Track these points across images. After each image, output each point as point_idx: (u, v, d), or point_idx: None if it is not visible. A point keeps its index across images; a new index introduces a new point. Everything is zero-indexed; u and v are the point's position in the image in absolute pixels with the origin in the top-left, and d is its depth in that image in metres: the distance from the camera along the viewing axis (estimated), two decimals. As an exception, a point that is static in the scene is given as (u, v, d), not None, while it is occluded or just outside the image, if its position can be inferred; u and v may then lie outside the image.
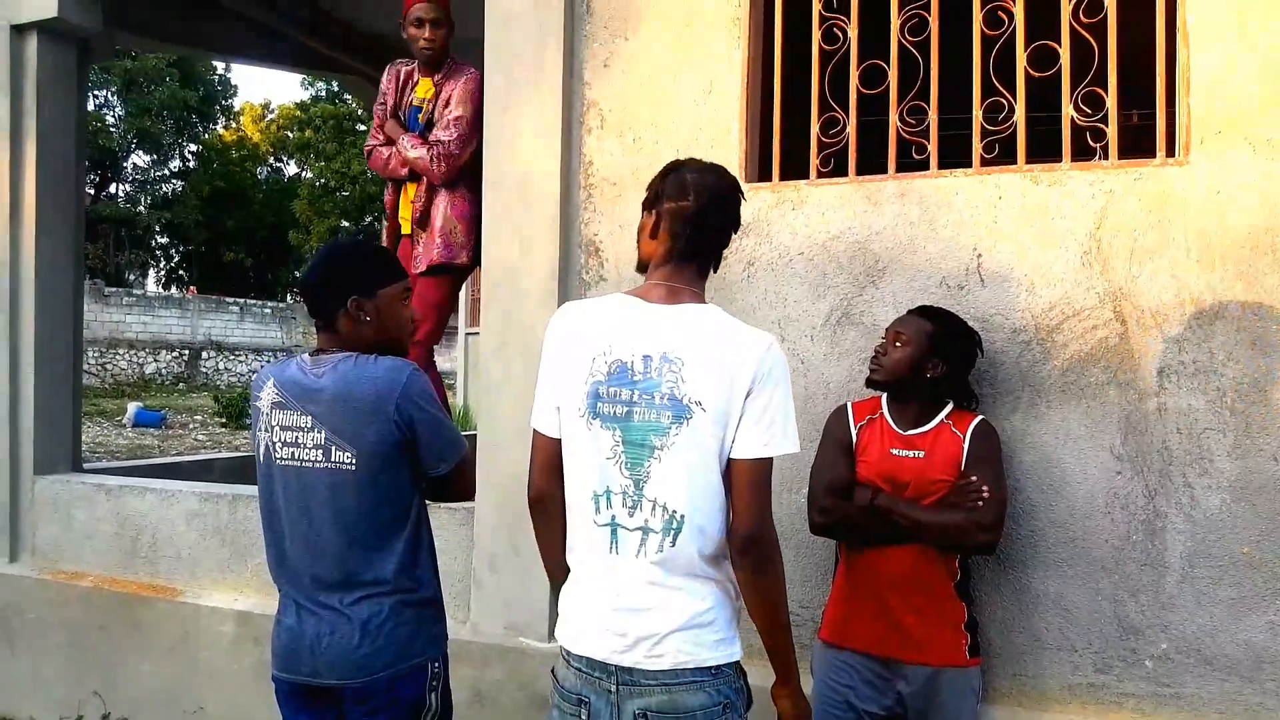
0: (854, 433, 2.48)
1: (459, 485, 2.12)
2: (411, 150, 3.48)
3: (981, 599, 2.59)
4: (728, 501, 1.68)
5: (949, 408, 2.46)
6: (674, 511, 1.64)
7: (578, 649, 1.70)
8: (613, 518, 1.67)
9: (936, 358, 2.40)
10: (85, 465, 4.49)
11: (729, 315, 1.74)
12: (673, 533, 1.64)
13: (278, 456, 2.01)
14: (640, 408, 1.65)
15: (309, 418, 1.97)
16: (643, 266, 1.83)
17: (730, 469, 1.65)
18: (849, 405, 2.54)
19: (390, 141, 3.59)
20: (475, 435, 3.16)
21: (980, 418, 2.45)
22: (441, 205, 3.49)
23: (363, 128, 33.14)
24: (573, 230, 3.07)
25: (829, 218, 2.77)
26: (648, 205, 1.81)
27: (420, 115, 3.56)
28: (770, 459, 1.65)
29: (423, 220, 3.51)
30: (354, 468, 1.95)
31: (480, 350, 3.18)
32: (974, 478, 2.32)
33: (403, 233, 3.57)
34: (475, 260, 3.45)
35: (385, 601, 1.97)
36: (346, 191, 32.51)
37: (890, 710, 2.39)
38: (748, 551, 1.63)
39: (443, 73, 3.54)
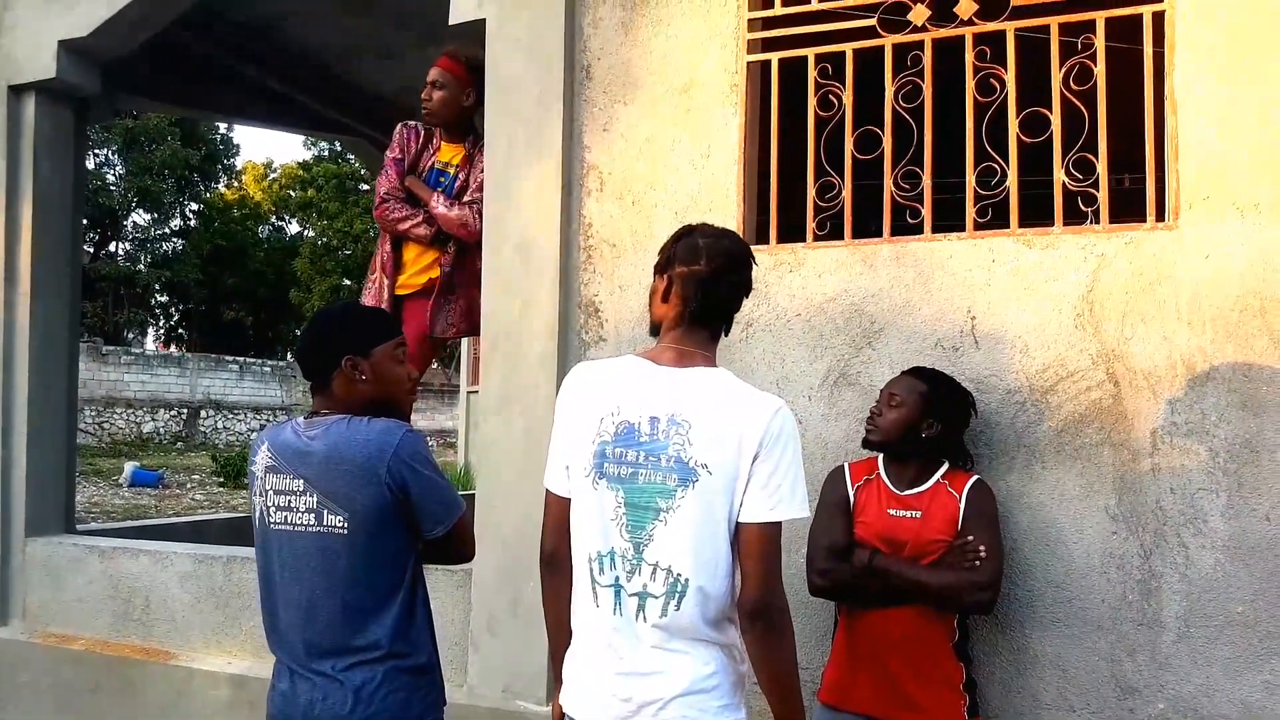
0: (851, 493, 2.49)
1: (457, 547, 2.10)
2: (451, 209, 3.41)
3: (980, 659, 2.58)
4: (734, 567, 1.68)
5: (945, 467, 2.48)
6: (678, 575, 1.63)
7: (580, 715, 1.69)
8: (616, 579, 1.67)
9: (931, 418, 2.43)
10: (79, 527, 4.47)
11: (738, 379, 1.75)
12: (677, 596, 1.63)
13: (271, 521, 2.01)
14: (646, 469, 1.66)
15: (301, 481, 1.97)
16: (655, 329, 1.85)
17: (738, 534, 1.65)
18: (846, 466, 2.56)
19: (409, 198, 3.51)
20: (475, 494, 3.16)
21: (976, 477, 2.47)
22: (469, 271, 3.45)
23: (365, 187, 33.37)
24: (572, 291, 3.12)
25: (825, 280, 2.82)
26: (660, 269, 1.83)
27: (447, 179, 3.52)
28: (779, 524, 1.64)
29: (448, 285, 3.47)
30: (347, 531, 1.94)
31: (480, 409, 3.19)
32: (970, 537, 2.33)
33: (402, 293, 3.55)
34: None
35: (379, 668, 1.96)
36: (349, 250, 32.64)
37: None
38: (757, 619, 1.62)
39: (471, 142, 3.55)
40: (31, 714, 3.79)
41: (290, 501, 1.98)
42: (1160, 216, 2.60)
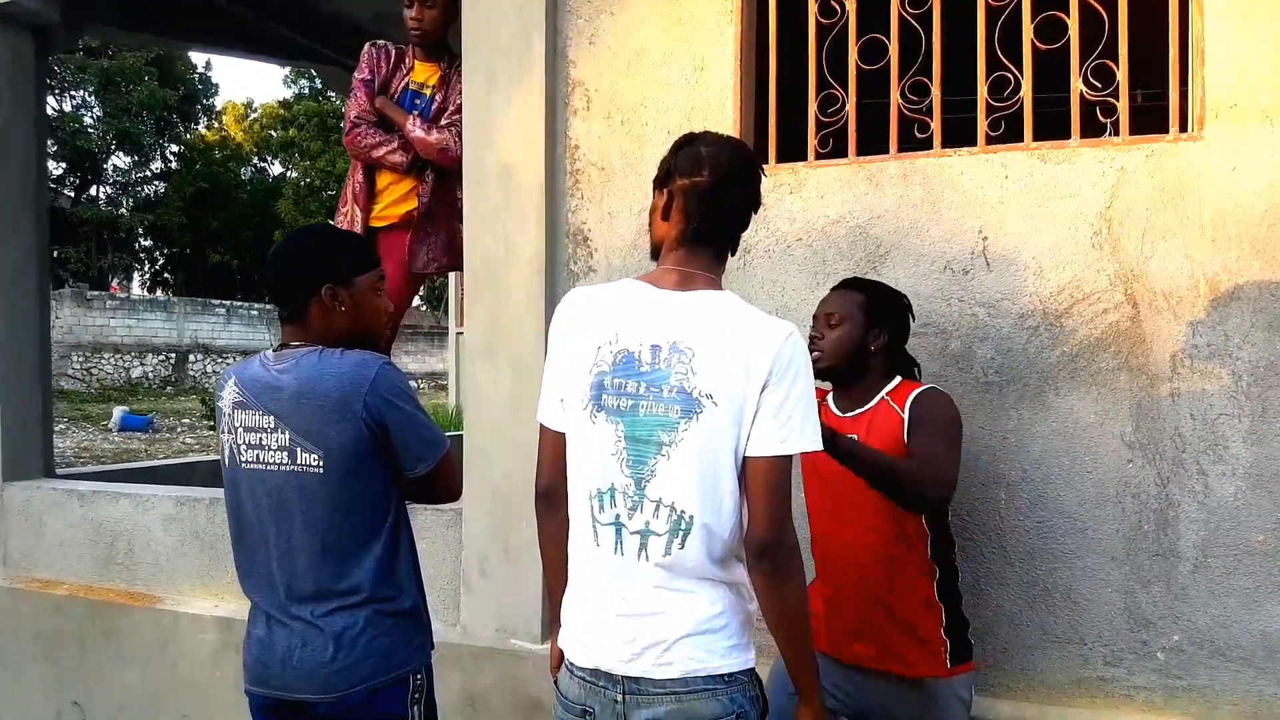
0: None
1: (441, 486, 1.98)
2: (429, 133, 3.19)
3: (987, 592, 2.50)
4: (742, 502, 1.57)
5: (895, 382, 2.23)
6: (682, 512, 1.52)
7: (581, 659, 1.59)
8: (616, 517, 1.56)
9: (877, 327, 2.20)
10: (61, 471, 4.36)
11: (745, 303, 1.61)
12: (681, 534, 1.52)
13: (242, 460, 1.89)
14: (647, 401, 1.54)
15: (271, 417, 1.84)
16: (656, 251, 1.70)
17: (745, 468, 1.53)
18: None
19: (381, 122, 3.30)
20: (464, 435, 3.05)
21: (925, 386, 2.21)
22: (449, 200, 3.26)
23: (345, 131, 32.69)
24: (559, 220, 2.95)
25: (828, 201, 2.66)
26: (659, 183, 1.68)
27: (423, 101, 3.31)
28: (788, 457, 1.52)
29: (428, 216, 3.27)
30: (322, 470, 1.82)
31: (466, 352, 3.06)
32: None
33: (378, 226, 3.34)
34: None
35: (361, 613, 1.85)
36: (332, 190, 32.08)
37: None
38: (764, 557, 1.51)
39: (448, 62, 3.34)
40: (16, 661, 3.72)
41: (261, 439, 1.86)
42: (1184, 127, 2.44)
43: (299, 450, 1.82)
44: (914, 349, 2.57)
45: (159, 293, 35.05)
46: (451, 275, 15.33)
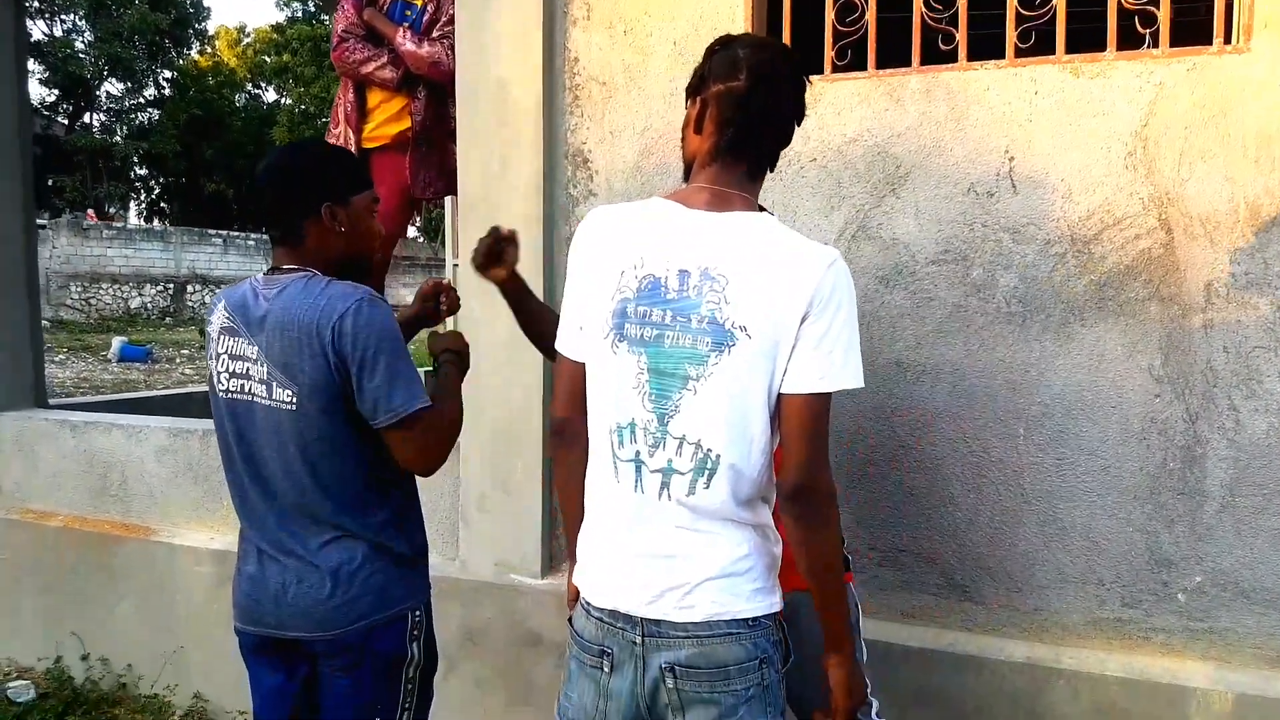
0: None
1: (413, 446, 1.75)
2: (420, 46, 3.01)
3: (1002, 532, 2.41)
4: (773, 443, 1.46)
5: None
6: (709, 451, 1.41)
7: (599, 600, 1.50)
8: (636, 454, 1.45)
9: None
10: (57, 402, 4.29)
11: (785, 226, 1.47)
12: (707, 474, 1.41)
13: (225, 389, 1.77)
14: (673, 331, 1.41)
15: (255, 347, 1.73)
16: (688, 170, 1.56)
17: (780, 406, 1.41)
18: None
19: (370, 36, 3.11)
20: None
21: None
22: (444, 119, 3.08)
23: (337, 53, 31.99)
24: (557, 140, 2.79)
25: (845, 118, 2.50)
26: (692, 90, 1.53)
27: (414, 12, 3.12)
28: (828, 395, 1.39)
29: (423, 136, 3.09)
30: (295, 408, 1.70)
31: (461, 284, 2.92)
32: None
33: (370, 146, 3.18)
34: None
35: (358, 548, 1.76)
36: (327, 117, 31.54)
37: None
38: (798, 502, 1.40)
39: None
40: (15, 593, 3.69)
41: (246, 369, 1.74)
42: (1228, 39, 2.27)
43: (274, 385, 1.71)
44: (933, 276, 2.45)
45: (155, 222, 34.69)
46: (448, 204, 15.05)
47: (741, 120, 1.46)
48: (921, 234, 2.44)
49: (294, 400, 1.69)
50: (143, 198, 37.53)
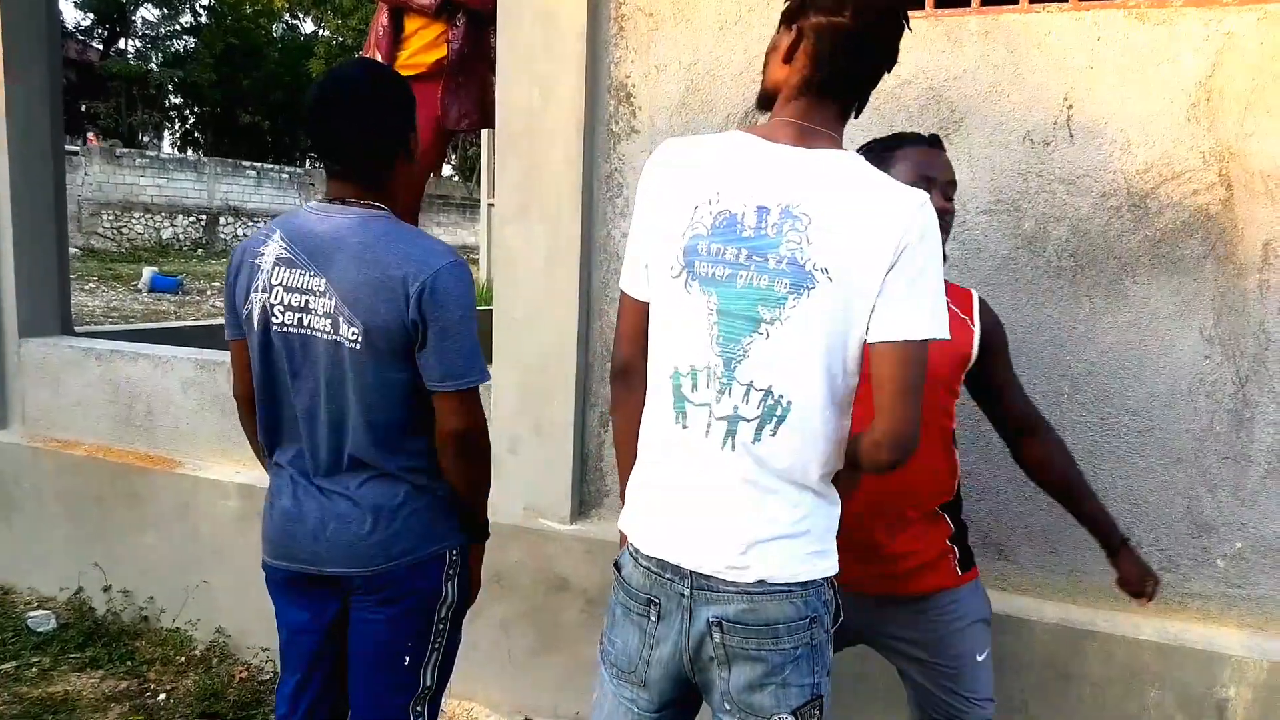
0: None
1: (465, 416, 1.72)
2: None
3: (1039, 492, 2.37)
4: (849, 397, 1.38)
5: None
6: (780, 397, 1.33)
7: (649, 549, 1.45)
8: (703, 399, 1.38)
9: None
10: (82, 330, 4.27)
11: (871, 167, 1.37)
12: (775, 421, 1.34)
13: (279, 322, 1.70)
14: (748, 271, 1.33)
15: (323, 280, 1.66)
16: (765, 101, 1.46)
17: (872, 358, 1.33)
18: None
19: None
20: (492, 313, 2.89)
21: (976, 293, 1.95)
22: (483, 49, 2.99)
23: (380, -20, 31.49)
24: (600, 72, 2.71)
25: (901, 59, 2.38)
26: (788, 17, 1.41)
27: None
28: (923, 344, 1.31)
29: (459, 65, 3.00)
30: (359, 347, 1.66)
31: (497, 215, 2.87)
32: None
33: (405, 75, 3.12)
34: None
35: (401, 486, 1.74)
36: (365, 50, 31.17)
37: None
38: (898, 457, 1.32)
39: None
40: (38, 520, 3.71)
41: (307, 302, 1.67)
42: (1305, -13, 2.17)
43: (341, 321, 1.65)
44: (984, 227, 2.38)
45: (189, 152, 34.55)
46: (484, 141, 14.87)
47: (841, 59, 1.36)
48: (974, 182, 2.37)
49: (360, 339, 1.65)
50: (177, 127, 37.33)
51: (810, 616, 1.38)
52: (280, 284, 1.69)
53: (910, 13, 2.40)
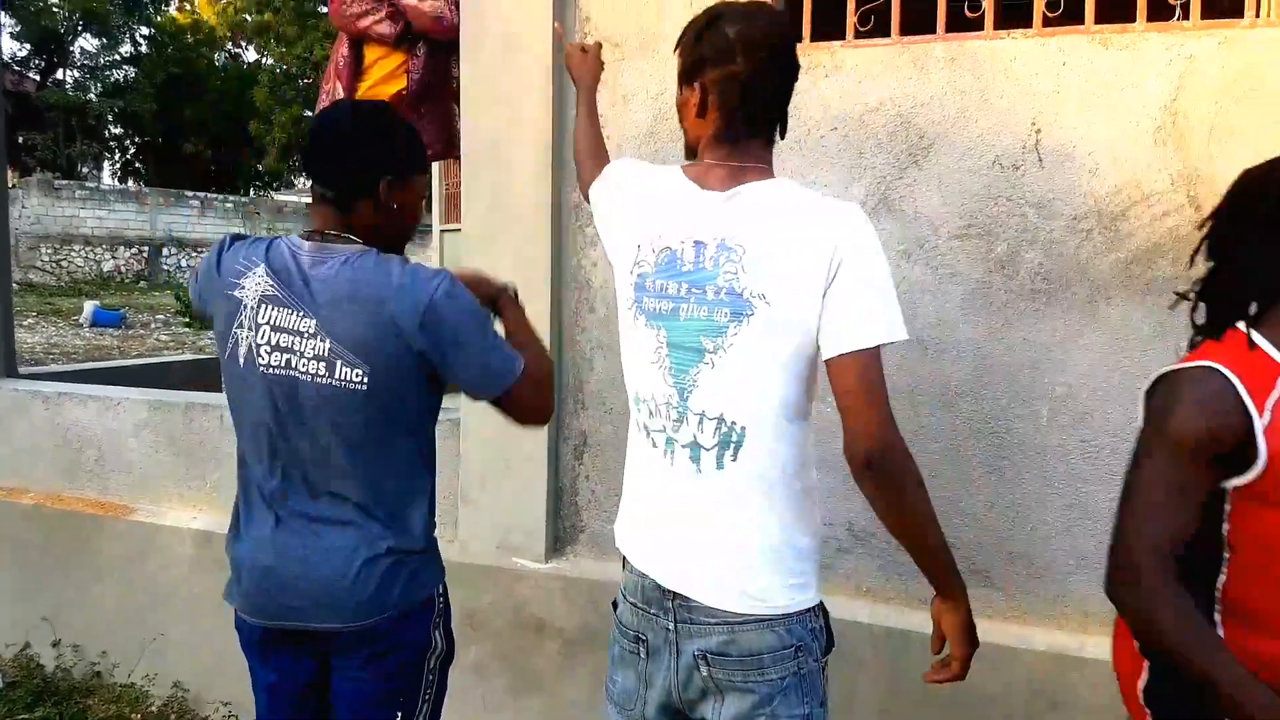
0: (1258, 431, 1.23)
1: (527, 404, 1.71)
2: (424, 0, 2.89)
3: (1023, 513, 2.36)
4: (808, 413, 1.42)
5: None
6: (732, 424, 1.37)
7: (638, 562, 1.50)
8: (663, 428, 1.45)
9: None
10: (25, 370, 4.11)
11: (803, 187, 1.42)
12: (734, 447, 1.38)
13: (264, 362, 1.62)
14: (689, 304, 1.39)
15: (313, 321, 1.59)
16: (692, 150, 1.51)
17: (830, 372, 1.34)
18: (1225, 370, 1.28)
19: None
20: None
21: None
22: (442, 78, 2.96)
23: (325, 9, 31.31)
24: (566, 101, 2.67)
25: (867, 86, 2.40)
26: (686, 76, 1.47)
27: None
28: (876, 350, 1.31)
29: (420, 95, 2.97)
30: (365, 387, 1.58)
31: (464, 245, 2.80)
32: None
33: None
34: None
35: (387, 533, 1.65)
36: (309, 79, 30.71)
37: None
38: (872, 467, 1.30)
39: None
40: (-16, 571, 3.54)
41: (294, 343, 1.59)
42: (1259, 11, 2.20)
43: (339, 364, 1.58)
44: (956, 251, 2.37)
45: (130, 183, 33.93)
46: (435, 167, 14.76)
47: (747, 103, 1.41)
48: (944, 207, 2.36)
49: (365, 380, 1.57)
50: (117, 157, 36.65)
51: (796, 645, 1.40)
52: (268, 323, 1.62)
53: (875, 40, 2.42)
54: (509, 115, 2.67)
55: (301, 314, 1.59)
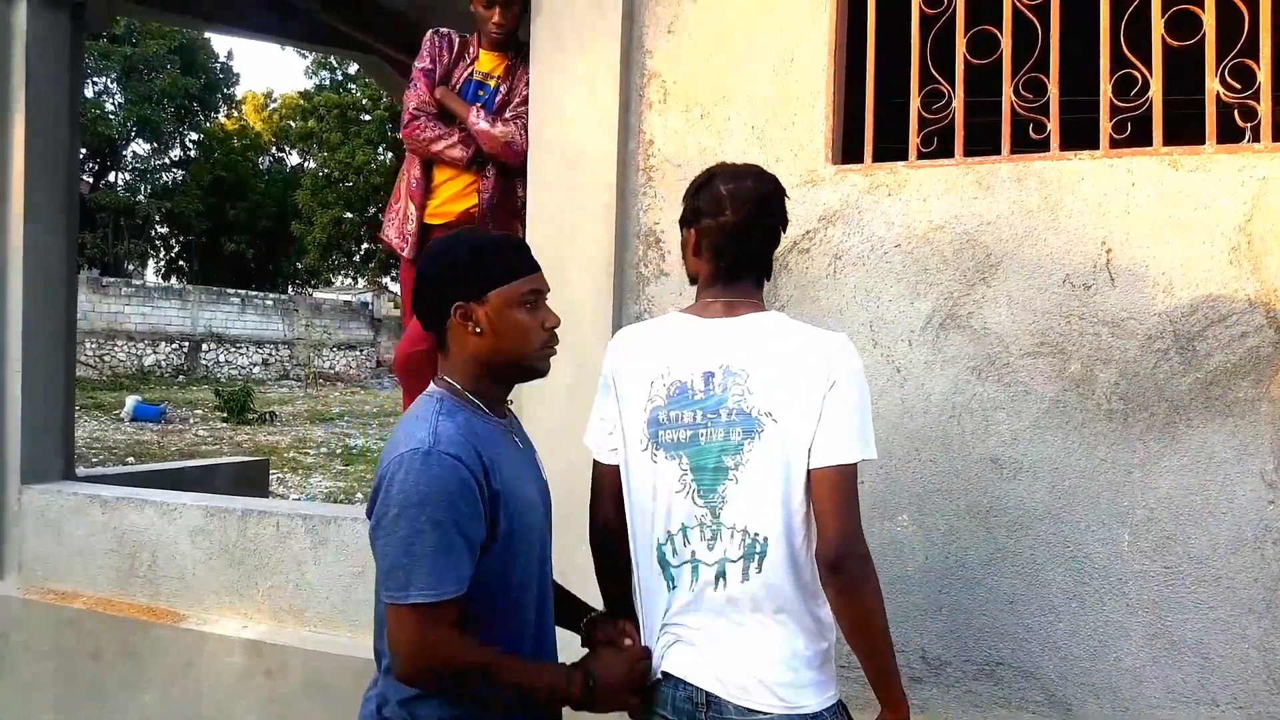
0: None
1: (399, 640, 1.46)
2: (494, 126, 2.98)
3: (1107, 645, 2.26)
4: (806, 521, 1.55)
5: None
6: (756, 535, 1.52)
7: (674, 671, 1.58)
8: (692, 554, 1.57)
9: None
10: (80, 470, 4.15)
11: (793, 320, 1.62)
12: (757, 558, 1.52)
13: None
14: (707, 429, 1.55)
15: None
16: (694, 280, 1.72)
17: (811, 481, 1.51)
18: None
19: (441, 114, 3.09)
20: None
21: None
22: (510, 199, 3.04)
23: (367, 118, 32.66)
24: (630, 218, 2.72)
25: (931, 205, 2.42)
26: (685, 222, 1.69)
27: (488, 92, 3.11)
28: (853, 465, 1.51)
29: (489, 214, 3.05)
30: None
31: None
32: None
33: (433, 223, 3.11)
34: None
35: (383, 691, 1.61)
36: (350, 182, 31.98)
37: None
38: (839, 569, 1.47)
39: (514, 51, 3.11)
40: (29, 677, 3.51)
41: None
42: (1331, 133, 2.20)
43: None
44: (1029, 369, 2.34)
45: (174, 280, 35.01)
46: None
47: (735, 248, 1.62)
48: (1015, 324, 2.34)
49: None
50: (162, 255, 37.97)
51: None
52: None
53: (939, 161, 2.45)
54: (571, 232, 2.71)
55: None
